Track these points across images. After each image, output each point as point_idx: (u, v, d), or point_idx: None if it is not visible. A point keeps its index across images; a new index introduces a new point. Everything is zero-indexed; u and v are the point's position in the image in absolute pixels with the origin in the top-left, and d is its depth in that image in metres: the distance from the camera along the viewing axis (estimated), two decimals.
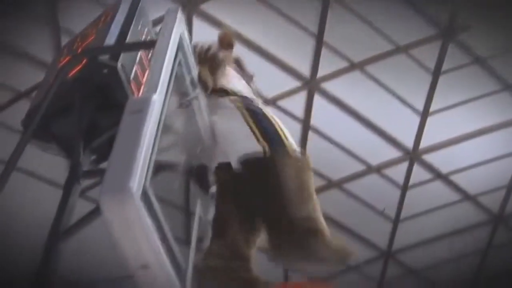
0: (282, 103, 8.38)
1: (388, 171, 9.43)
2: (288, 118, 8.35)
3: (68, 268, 3.36)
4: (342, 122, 9.02)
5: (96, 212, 3.50)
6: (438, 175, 9.36)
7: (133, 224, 2.14)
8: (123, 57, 3.39)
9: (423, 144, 9.15)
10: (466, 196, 9.42)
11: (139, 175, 2.15)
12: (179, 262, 2.45)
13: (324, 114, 8.93)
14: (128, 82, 3.55)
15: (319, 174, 9.15)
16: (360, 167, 9.38)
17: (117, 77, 3.50)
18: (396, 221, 9.68)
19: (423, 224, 9.70)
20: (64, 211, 3.35)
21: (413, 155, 9.21)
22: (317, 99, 8.62)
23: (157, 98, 2.41)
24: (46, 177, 7.72)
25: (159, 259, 2.28)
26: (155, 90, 2.48)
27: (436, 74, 8.44)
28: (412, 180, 9.43)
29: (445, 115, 8.90)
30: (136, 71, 3.69)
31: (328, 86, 8.56)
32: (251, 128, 2.92)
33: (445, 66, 8.40)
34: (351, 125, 8.97)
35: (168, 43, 2.74)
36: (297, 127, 8.63)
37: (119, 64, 3.51)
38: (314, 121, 8.79)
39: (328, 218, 3.06)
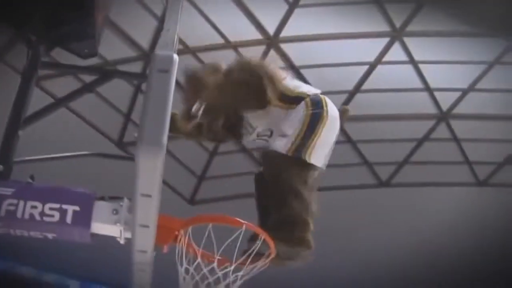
0: None
1: (245, 50, 10.41)
2: None
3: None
4: None
5: (55, 105, 4.25)
6: (291, 66, 10.52)
7: (157, 167, 3.05)
8: None
9: (284, 33, 10.20)
10: None
11: (167, 131, 3.02)
12: None
13: None
14: None
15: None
16: (218, 40, 10.25)
17: None
18: None
19: None
20: (24, 99, 4.05)
21: (272, 41, 10.25)
22: None
23: (176, 57, 3.21)
24: None
25: (158, 192, 3.23)
26: (172, 48, 3.25)
27: None
28: None
29: (313, 11, 9.96)
30: None
31: None
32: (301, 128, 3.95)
33: None
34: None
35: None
36: None
37: None
38: None
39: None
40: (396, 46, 10.28)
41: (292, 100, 4.27)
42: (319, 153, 4.20)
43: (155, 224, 3.48)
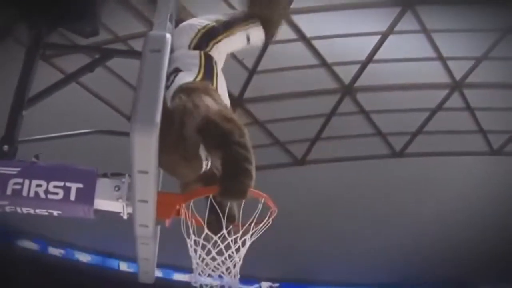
0: None
1: None
2: None
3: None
4: None
5: (58, 84, 4.38)
6: (302, 37, 10.56)
7: (151, 144, 3.16)
8: None
9: (294, 4, 10.20)
10: (323, 62, 10.85)
11: (160, 110, 3.13)
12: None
13: None
14: None
15: (187, 12, 9.96)
16: None
17: None
18: (252, 72, 10.92)
19: (277, 80, 11.06)
20: (27, 80, 4.18)
21: None
22: None
23: (169, 36, 3.30)
24: None
25: (154, 169, 3.35)
26: (165, 27, 3.35)
27: None
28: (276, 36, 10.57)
29: None
30: None
31: None
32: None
33: None
34: None
35: None
36: None
37: None
38: None
39: None
40: (408, 15, 10.24)
41: None
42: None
43: (155, 199, 3.61)
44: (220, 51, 4.42)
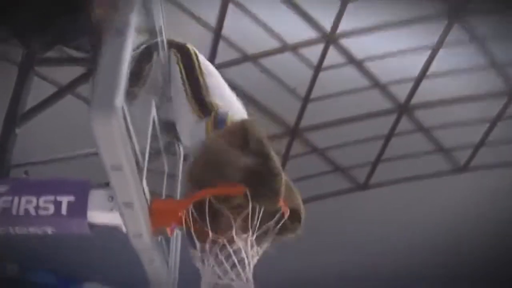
0: None
1: (304, 51, 10.06)
2: None
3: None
4: None
5: (53, 98, 3.99)
6: (352, 60, 10.08)
7: (115, 134, 2.68)
8: None
9: (341, 28, 9.75)
10: (376, 83, 10.29)
11: (121, 94, 2.66)
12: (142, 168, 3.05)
13: None
14: None
15: (236, 47, 9.68)
16: (276, 44, 9.92)
17: None
18: (306, 100, 10.47)
19: (332, 105, 10.57)
20: (20, 97, 3.79)
21: (330, 38, 9.82)
22: None
23: (134, 18, 2.86)
24: None
25: (130, 164, 2.85)
26: (132, 10, 2.91)
27: None
28: (326, 62, 10.12)
29: (367, 3, 9.49)
30: None
31: None
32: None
33: None
34: (272, 2, 9.43)
35: None
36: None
37: None
38: None
39: (240, 91, 3.76)
40: (457, 26, 9.63)
41: None
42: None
43: (141, 201, 3.11)
44: None
